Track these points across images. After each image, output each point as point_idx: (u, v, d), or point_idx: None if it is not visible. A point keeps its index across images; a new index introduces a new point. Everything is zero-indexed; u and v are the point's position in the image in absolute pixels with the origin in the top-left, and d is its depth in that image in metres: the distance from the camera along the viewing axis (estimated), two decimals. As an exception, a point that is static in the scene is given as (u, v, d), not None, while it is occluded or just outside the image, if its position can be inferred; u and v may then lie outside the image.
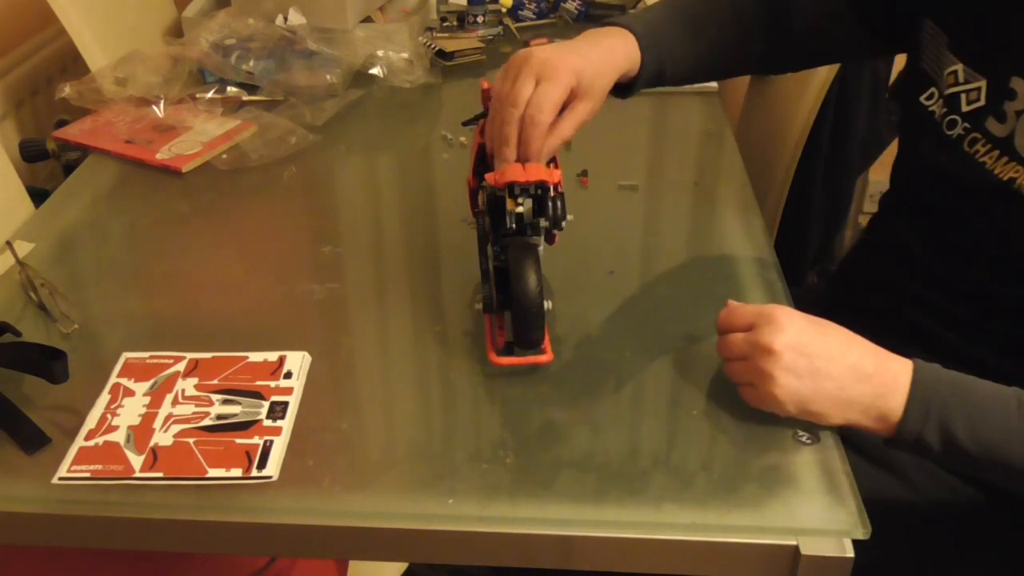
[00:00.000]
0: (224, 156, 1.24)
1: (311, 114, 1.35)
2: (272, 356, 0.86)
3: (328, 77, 1.40)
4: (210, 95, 1.39)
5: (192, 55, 1.41)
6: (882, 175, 1.42)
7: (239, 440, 0.77)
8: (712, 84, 1.42)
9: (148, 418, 0.79)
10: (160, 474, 0.74)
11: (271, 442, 0.77)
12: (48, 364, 0.82)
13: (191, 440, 0.77)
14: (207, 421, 0.79)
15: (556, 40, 0.92)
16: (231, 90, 1.41)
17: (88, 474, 0.74)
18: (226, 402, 0.81)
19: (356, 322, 0.95)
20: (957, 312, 0.90)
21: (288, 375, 0.84)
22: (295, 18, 1.49)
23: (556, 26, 1.70)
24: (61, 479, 0.74)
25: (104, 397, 0.82)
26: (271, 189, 1.20)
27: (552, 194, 0.82)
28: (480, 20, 1.66)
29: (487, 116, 0.89)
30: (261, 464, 0.75)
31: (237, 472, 0.74)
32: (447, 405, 0.84)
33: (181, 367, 0.85)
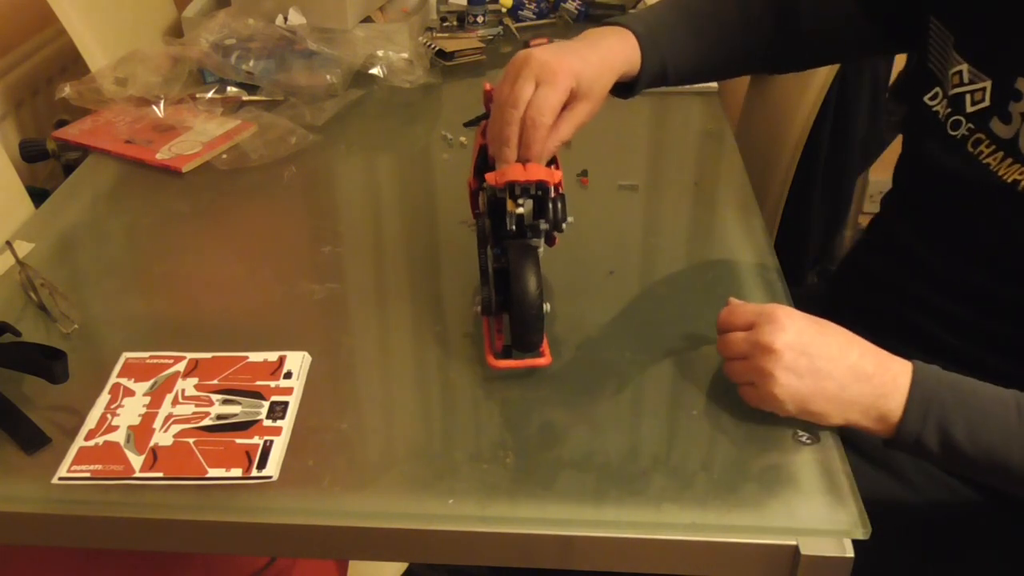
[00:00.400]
0: (224, 156, 1.24)
1: (311, 114, 1.35)
2: (272, 356, 0.86)
3: (328, 77, 1.40)
4: (210, 95, 1.39)
5: (192, 55, 1.41)
6: (883, 175, 1.42)
7: (239, 440, 0.77)
8: (712, 84, 1.42)
9: (148, 418, 0.79)
10: (160, 474, 0.74)
11: (271, 442, 0.77)
12: (48, 364, 0.82)
13: (191, 440, 0.77)
14: (207, 421, 0.79)
15: (556, 40, 0.92)
16: (231, 90, 1.41)
17: (88, 474, 0.74)
18: (226, 402, 0.81)
19: (356, 322, 0.95)
20: (957, 313, 0.90)
21: (288, 375, 0.84)
22: (295, 18, 1.49)
23: (556, 26, 1.70)
24: (61, 479, 0.74)
25: (104, 397, 0.82)
26: (271, 189, 1.20)
27: (553, 195, 0.82)
28: (480, 20, 1.66)
29: (489, 117, 0.89)
30: (261, 464, 0.75)
31: (237, 472, 0.74)
32: (447, 405, 0.84)
33: (181, 367, 0.85)
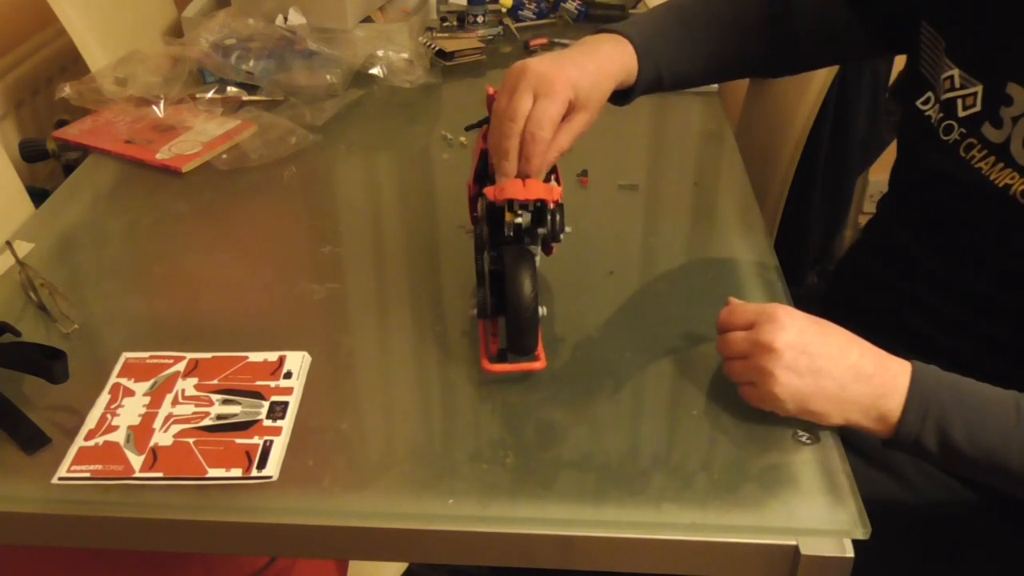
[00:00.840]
0: (224, 156, 1.24)
1: (311, 114, 1.35)
2: (272, 356, 0.86)
3: (328, 77, 1.40)
4: (210, 95, 1.39)
5: (192, 55, 1.41)
6: (882, 175, 1.42)
7: (239, 440, 0.77)
8: (712, 85, 1.42)
9: (148, 418, 0.79)
10: (160, 474, 0.74)
11: (271, 442, 0.77)
12: (48, 364, 0.82)
13: (191, 440, 0.77)
14: (207, 421, 0.79)
15: (556, 41, 0.92)
16: (231, 90, 1.41)
17: (88, 474, 0.74)
18: (226, 402, 0.81)
19: (356, 322, 0.95)
20: (953, 314, 0.90)
21: (288, 375, 0.84)
22: (295, 18, 1.49)
23: (556, 26, 1.70)
24: (61, 479, 0.74)
25: (104, 397, 0.82)
26: (271, 189, 1.20)
27: (551, 207, 0.82)
28: (480, 20, 1.66)
29: (490, 122, 0.89)
30: (261, 464, 0.75)
31: (237, 472, 0.74)
32: (447, 405, 0.84)
33: (181, 367, 0.85)
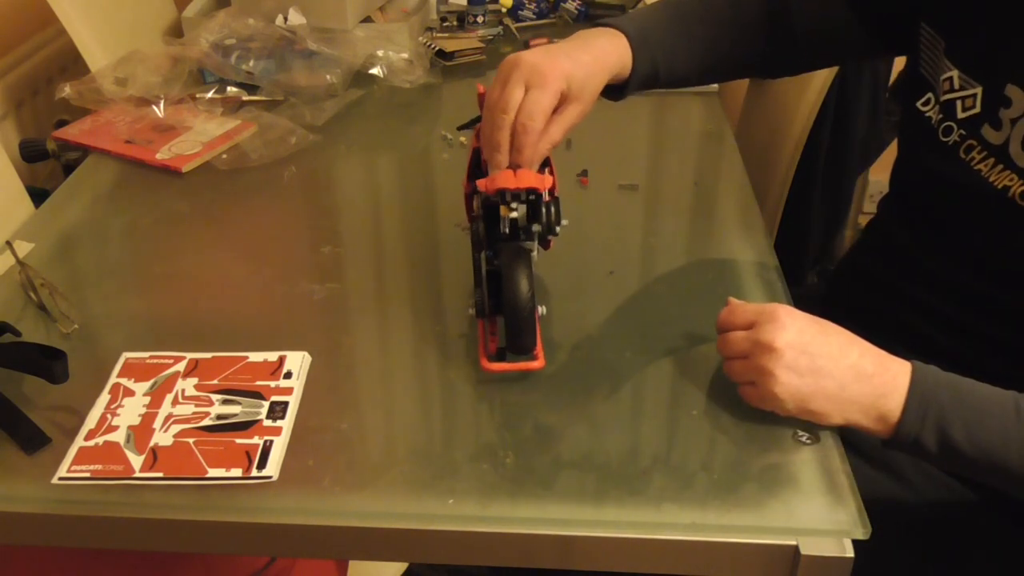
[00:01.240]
0: (224, 156, 1.24)
1: (311, 114, 1.35)
2: (272, 356, 0.86)
3: (328, 77, 1.40)
4: (210, 95, 1.39)
5: (192, 55, 1.41)
6: (882, 175, 1.42)
7: (239, 440, 0.77)
8: (712, 84, 1.42)
9: (148, 418, 0.79)
10: (160, 474, 0.74)
11: (271, 442, 0.77)
12: (48, 364, 0.82)
13: (191, 440, 0.77)
14: (207, 421, 0.79)
15: (556, 41, 0.92)
16: (231, 90, 1.41)
17: (88, 474, 0.74)
18: (226, 402, 0.81)
19: (356, 322, 0.95)
20: (952, 315, 0.90)
21: (288, 375, 0.84)
22: (295, 18, 1.49)
23: (556, 26, 1.70)
24: (61, 479, 0.74)
25: (104, 397, 0.82)
26: (271, 189, 1.20)
27: (546, 199, 0.82)
28: (480, 20, 1.66)
29: (482, 120, 0.89)
30: (261, 464, 0.75)
31: (237, 472, 0.74)
32: (447, 405, 0.84)
33: (181, 367, 0.85)
